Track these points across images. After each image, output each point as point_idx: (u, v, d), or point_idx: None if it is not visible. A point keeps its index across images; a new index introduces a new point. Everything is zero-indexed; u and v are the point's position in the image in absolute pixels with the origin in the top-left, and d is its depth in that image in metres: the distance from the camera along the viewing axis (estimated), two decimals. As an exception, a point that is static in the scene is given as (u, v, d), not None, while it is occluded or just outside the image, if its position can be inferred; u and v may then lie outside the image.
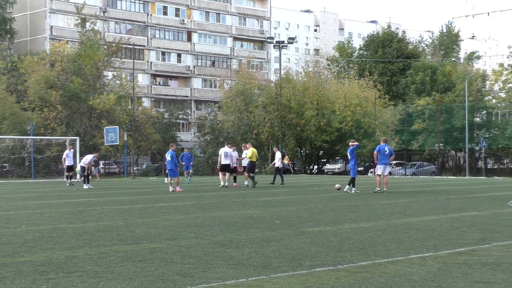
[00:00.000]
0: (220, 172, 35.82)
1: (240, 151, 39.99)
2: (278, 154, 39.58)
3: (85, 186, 35.59)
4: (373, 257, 10.19)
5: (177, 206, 21.07)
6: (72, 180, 40.14)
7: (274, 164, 39.93)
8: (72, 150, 41.40)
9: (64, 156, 40.35)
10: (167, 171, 33.45)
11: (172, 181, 31.55)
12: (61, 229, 14.33)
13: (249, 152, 34.73)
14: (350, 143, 29.36)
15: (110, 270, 9.07)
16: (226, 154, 34.86)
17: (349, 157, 28.83)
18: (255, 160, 35.07)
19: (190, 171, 43.73)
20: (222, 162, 34.93)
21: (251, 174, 34.87)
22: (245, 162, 36.41)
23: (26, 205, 22.48)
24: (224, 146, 36.69)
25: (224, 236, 12.95)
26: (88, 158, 37.17)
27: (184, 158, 42.46)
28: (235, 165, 35.78)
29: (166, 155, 31.75)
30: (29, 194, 30.34)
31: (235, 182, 35.93)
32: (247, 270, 9.02)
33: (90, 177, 37.27)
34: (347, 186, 28.41)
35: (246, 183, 35.47)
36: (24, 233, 13.72)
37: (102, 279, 8.46)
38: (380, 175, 28.60)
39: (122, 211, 19.26)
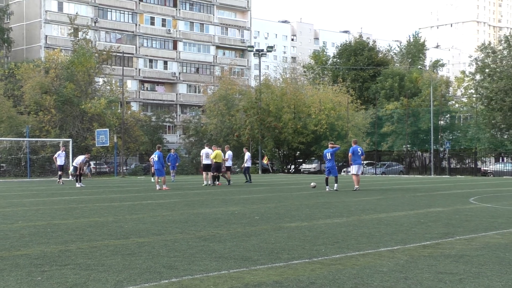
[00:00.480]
0: (203, 172, 35.79)
1: (223, 152, 39.81)
2: (246, 155, 39.11)
3: (78, 185, 35.39)
4: (346, 250, 10.21)
5: (164, 203, 21.02)
6: (62, 179, 39.95)
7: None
8: (64, 151, 41.18)
9: (55, 155, 40.24)
10: (153, 170, 33.45)
11: (159, 180, 31.50)
12: (55, 225, 14.26)
13: (213, 154, 34.53)
14: (330, 145, 29.26)
15: (100, 263, 9.03)
16: (207, 155, 34.89)
17: (329, 158, 28.60)
18: (220, 161, 34.84)
19: (174, 170, 43.73)
20: (204, 162, 34.94)
21: (215, 174, 34.73)
22: (228, 163, 36.32)
23: (22, 202, 22.34)
24: (204, 148, 36.51)
25: (207, 231, 12.94)
26: (80, 158, 36.99)
27: (171, 158, 42.49)
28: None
29: (154, 155, 31.68)
30: (25, 192, 30.15)
31: (217, 180, 35.77)
32: (228, 263, 9.01)
33: (82, 176, 37.08)
34: (336, 185, 28.25)
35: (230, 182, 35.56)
36: (20, 228, 13.64)
37: (93, 271, 8.43)
38: (355, 174, 28.70)
39: (112, 208, 19.19)
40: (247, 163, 38.91)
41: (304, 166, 75.99)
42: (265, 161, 69.16)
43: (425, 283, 7.66)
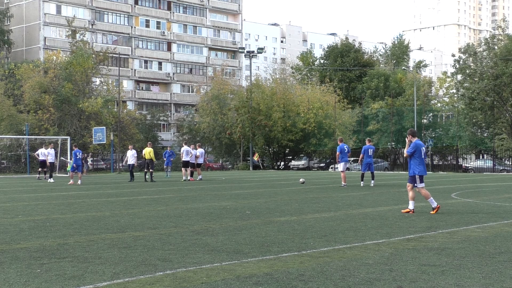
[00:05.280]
0: (182, 168, 36.77)
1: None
2: (185, 148, 36.53)
3: (51, 180, 35.88)
4: (333, 243, 10.22)
5: (158, 199, 20.99)
6: (46, 175, 39.76)
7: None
8: (48, 148, 40.90)
9: (38, 152, 40.23)
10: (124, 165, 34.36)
11: (75, 175, 33.54)
12: (53, 219, 14.22)
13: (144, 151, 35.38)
14: (369, 142, 29.05)
15: (98, 256, 9.00)
16: (187, 152, 35.61)
17: (370, 154, 28.16)
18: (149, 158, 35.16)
19: (169, 167, 44.18)
20: (183, 159, 35.57)
21: (151, 170, 35.24)
22: (199, 160, 36.51)
23: (22, 197, 22.27)
24: (183, 146, 37.39)
25: (200, 225, 12.92)
26: (51, 152, 37.34)
27: (167, 155, 43.09)
28: (193, 161, 36.15)
29: (78, 153, 32.63)
30: (25, 187, 30.05)
31: (191, 176, 36.35)
32: (221, 256, 9.00)
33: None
34: (372, 181, 28.32)
35: (200, 177, 36.39)
36: (20, 222, 13.59)
37: (90, 264, 8.41)
38: (342, 171, 28.66)
39: (109, 203, 19.15)
40: (187, 157, 36.41)
41: (293, 162, 75.99)
42: (256, 158, 69.09)
43: (409, 274, 7.67)
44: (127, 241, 10.52)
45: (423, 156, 15.46)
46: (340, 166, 28.85)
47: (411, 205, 15.44)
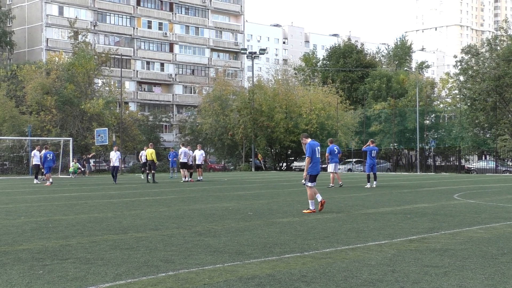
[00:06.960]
0: (181, 169, 37.21)
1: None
2: (183, 150, 37.01)
3: (36, 181, 36.02)
4: (336, 244, 10.21)
5: (160, 200, 20.99)
6: (41, 177, 38.78)
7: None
8: (38, 150, 40.10)
9: (32, 155, 38.81)
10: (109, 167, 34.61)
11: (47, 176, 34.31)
12: (56, 220, 14.22)
13: (147, 152, 35.16)
14: (372, 144, 29.57)
15: (100, 257, 9.01)
16: (185, 154, 36.23)
17: (373, 156, 28.87)
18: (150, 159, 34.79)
19: (175, 168, 44.43)
20: (181, 160, 35.94)
21: (152, 172, 34.96)
22: (198, 161, 36.81)
23: (24, 199, 22.28)
24: (180, 147, 37.94)
25: (203, 226, 12.92)
26: (37, 154, 37.23)
27: (171, 156, 43.24)
28: (191, 162, 36.75)
29: (48, 154, 33.54)
30: (27, 189, 30.06)
31: (190, 177, 36.73)
32: (223, 257, 9.00)
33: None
34: (375, 182, 28.62)
35: (199, 177, 36.76)
36: (22, 224, 13.60)
37: (93, 265, 8.41)
38: (333, 172, 28.78)
39: (111, 204, 19.15)
40: (196, 160, 37.00)
41: (295, 163, 75.96)
42: (258, 159, 69.03)
43: (411, 275, 7.67)
44: (129, 242, 10.52)
45: (318, 156, 15.91)
46: (330, 167, 28.95)
47: (311, 205, 15.78)
